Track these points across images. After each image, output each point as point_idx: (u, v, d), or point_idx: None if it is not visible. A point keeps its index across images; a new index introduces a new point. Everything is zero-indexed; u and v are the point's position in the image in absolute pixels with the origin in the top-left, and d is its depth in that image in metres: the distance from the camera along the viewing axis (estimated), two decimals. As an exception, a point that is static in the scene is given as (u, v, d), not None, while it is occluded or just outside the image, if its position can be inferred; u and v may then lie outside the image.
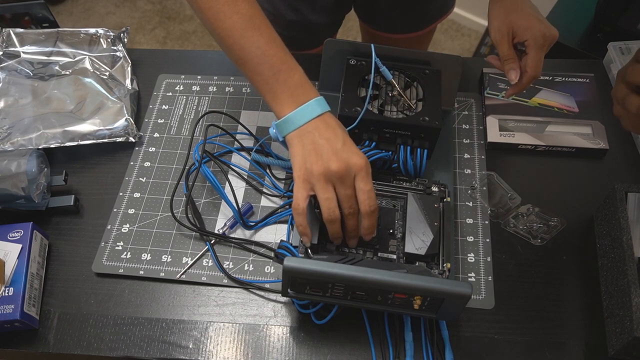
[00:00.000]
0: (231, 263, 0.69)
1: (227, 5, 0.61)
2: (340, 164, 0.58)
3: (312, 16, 0.93)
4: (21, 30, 0.87)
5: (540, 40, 0.67)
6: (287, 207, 0.72)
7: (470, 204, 0.73)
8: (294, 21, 0.93)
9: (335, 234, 0.61)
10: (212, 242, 0.70)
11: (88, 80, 0.83)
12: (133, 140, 0.79)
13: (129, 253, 0.70)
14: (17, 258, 0.64)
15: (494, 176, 0.74)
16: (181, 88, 0.87)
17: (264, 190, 0.75)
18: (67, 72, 0.84)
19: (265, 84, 0.62)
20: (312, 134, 0.60)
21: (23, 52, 0.85)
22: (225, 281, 0.67)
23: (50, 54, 0.86)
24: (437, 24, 1.03)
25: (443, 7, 1.01)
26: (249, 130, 0.79)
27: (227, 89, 0.86)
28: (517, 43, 0.70)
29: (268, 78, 0.61)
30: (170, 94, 0.86)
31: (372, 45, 0.70)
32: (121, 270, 0.68)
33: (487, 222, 0.71)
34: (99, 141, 0.77)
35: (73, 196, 0.73)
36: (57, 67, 0.84)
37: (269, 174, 0.75)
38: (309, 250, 0.63)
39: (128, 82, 0.84)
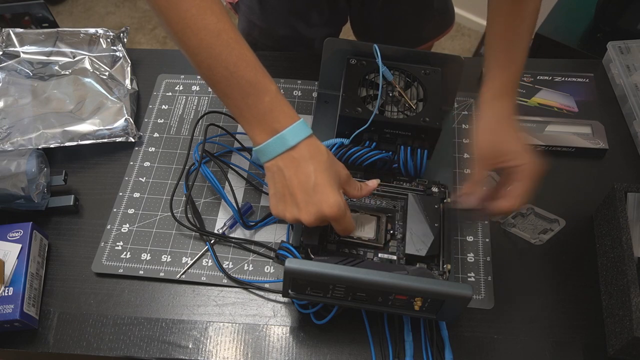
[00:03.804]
0: (231, 263, 0.69)
1: (193, 19, 0.54)
2: (310, 218, 0.55)
3: (306, 32, 0.92)
4: (21, 30, 0.87)
5: (534, 172, 0.60)
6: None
7: (470, 204, 0.73)
8: (288, 36, 0.93)
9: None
10: (212, 242, 0.70)
11: (88, 80, 0.83)
12: (133, 140, 0.79)
13: (128, 253, 0.70)
14: (17, 258, 0.64)
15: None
16: (181, 88, 0.87)
17: (264, 189, 0.75)
18: (67, 72, 0.84)
19: (235, 107, 0.58)
20: (282, 173, 0.56)
21: (23, 52, 0.85)
22: (225, 281, 0.67)
23: (50, 54, 0.86)
24: (435, 42, 1.01)
25: (441, 25, 0.99)
26: (248, 130, 0.79)
27: (227, 89, 0.86)
28: (503, 167, 0.62)
29: (237, 102, 0.57)
30: (170, 94, 0.86)
31: (375, 46, 0.70)
32: (121, 270, 0.68)
33: (487, 222, 0.71)
34: (98, 141, 0.77)
35: (73, 196, 0.73)
36: (56, 67, 0.84)
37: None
38: (310, 251, 0.63)
39: (128, 82, 0.84)
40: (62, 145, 0.76)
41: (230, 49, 0.55)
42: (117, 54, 0.86)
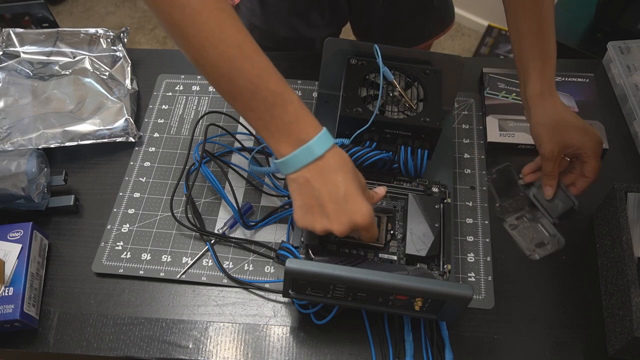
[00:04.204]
0: (231, 263, 0.69)
1: (212, 32, 0.52)
2: (341, 228, 0.55)
3: (307, 32, 0.92)
4: (21, 30, 0.87)
5: (597, 150, 0.67)
6: (286, 207, 0.72)
7: (470, 204, 0.73)
8: (288, 37, 0.92)
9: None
10: (212, 242, 0.70)
11: (88, 80, 0.83)
12: (133, 140, 0.79)
13: (128, 253, 0.70)
14: (17, 258, 0.64)
15: (512, 167, 0.74)
16: (181, 88, 0.87)
17: (264, 190, 0.75)
18: (67, 72, 0.84)
19: (258, 120, 0.56)
20: (311, 183, 0.55)
21: (23, 52, 0.85)
22: (225, 281, 0.67)
23: (50, 54, 0.86)
24: (435, 40, 1.01)
25: (442, 24, 0.99)
26: (249, 130, 0.79)
27: (227, 89, 0.86)
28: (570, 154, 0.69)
29: (261, 114, 0.55)
30: (170, 94, 0.86)
31: (376, 46, 0.70)
32: (121, 270, 0.68)
33: (487, 222, 0.71)
34: (98, 141, 0.77)
35: (73, 196, 0.73)
36: (57, 67, 0.84)
37: (269, 174, 0.75)
38: (310, 252, 0.63)
39: (128, 82, 0.84)
40: (62, 145, 0.76)
41: (253, 60, 0.54)
42: (117, 54, 0.86)
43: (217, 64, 0.54)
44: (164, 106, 0.84)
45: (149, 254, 0.70)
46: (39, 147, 0.75)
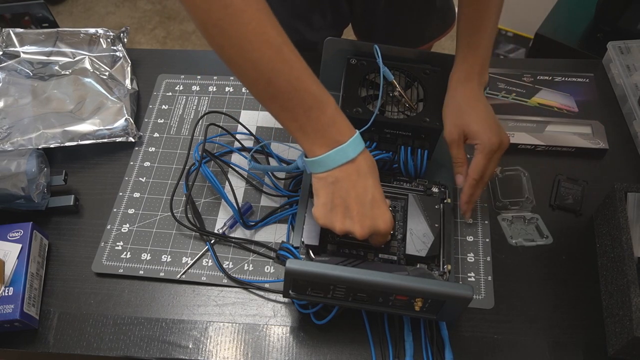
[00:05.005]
0: (231, 263, 0.69)
1: (254, 32, 0.52)
2: (363, 231, 0.56)
3: (309, 35, 0.92)
4: (21, 30, 0.87)
5: (487, 147, 0.64)
6: (286, 207, 0.72)
7: (470, 204, 0.73)
8: (292, 41, 0.92)
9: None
10: (212, 242, 0.70)
11: (88, 80, 0.83)
12: (133, 140, 0.79)
13: (128, 253, 0.70)
14: (17, 258, 0.64)
15: (522, 172, 0.74)
16: (181, 88, 0.87)
17: (264, 189, 0.75)
18: (67, 72, 0.84)
19: (294, 121, 0.55)
20: (341, 184, 0.56)
21: (23, 52, 0.85)
22: (225, 281, 0.67)
23: (50, 54, 0.86)
24: (436, 41, 1.02)
25: (443, 25, 1.00)
26: (249, 130, 0.79)
27: (227, 88, 0.86)
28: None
29: (298, 116, 0.55)
30: (170, 93, 0.86)
31: (376, 46, 0.70)
32: (121, 270, 0.68)
33: (487, 222, 0.71)
34: (98, 141, 0.77)
35: (73, 196, 0.73)
36: (56, 67, 0.84)
37: (269, 174, 0.75)
38: (311, 252, 0.63)
39: (128, 82, 0.84)
40: (62, 145, 0.76)
41: (292, 62, 0.54)
42: (117, 54, 0.86)
43: (257, 65, 0.53)
44: (163, 106, 0.84)
45: (148, 254, 0.70)
46: (39, 147, 0.75)
